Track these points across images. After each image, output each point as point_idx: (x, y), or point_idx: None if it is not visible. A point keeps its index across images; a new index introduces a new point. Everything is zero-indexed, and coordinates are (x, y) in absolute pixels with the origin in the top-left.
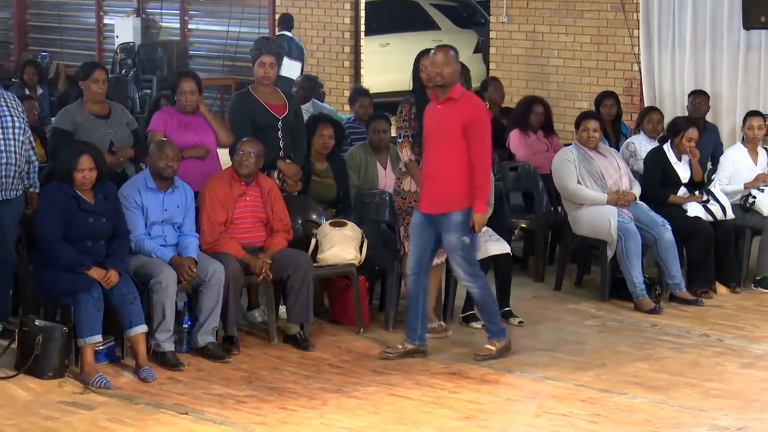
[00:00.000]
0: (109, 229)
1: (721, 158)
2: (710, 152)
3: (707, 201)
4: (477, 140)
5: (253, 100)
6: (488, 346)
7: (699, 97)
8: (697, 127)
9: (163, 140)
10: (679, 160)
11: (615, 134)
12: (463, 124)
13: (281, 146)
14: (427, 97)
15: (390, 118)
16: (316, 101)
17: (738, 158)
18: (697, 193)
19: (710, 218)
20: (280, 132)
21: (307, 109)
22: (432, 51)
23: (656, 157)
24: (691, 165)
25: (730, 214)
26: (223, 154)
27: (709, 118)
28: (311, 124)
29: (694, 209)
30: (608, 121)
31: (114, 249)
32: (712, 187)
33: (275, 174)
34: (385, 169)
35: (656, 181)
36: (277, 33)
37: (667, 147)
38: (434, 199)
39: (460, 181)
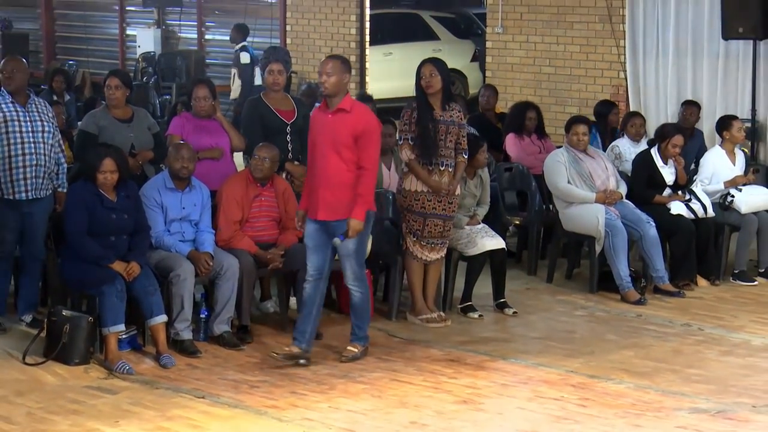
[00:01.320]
0: (131, 225)
1: (702, 160)
2: (695, 156)
3: (689, 200)
4: (366, 149)
5: (264, 106)
6: (351, 348)
7: (690, 108)
8: (683, 135)
9: (180, 143)
10: (665, 164)
11: (612, 139)
12: (355, 135)
13: (290, 149)
14: (428, 102)
15: (396, 122)
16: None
17: (717, 160)
18: (680, 192)
19: (692, 216)
20: (288, 136)
21: None
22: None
23: (644, 161)
24: (676, 169)
25: (711, 212)
26: (237, 156)
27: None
28: None
29: (676, 207)
30: (612, 128)
31: (135, 244)
32: (693, 187)
33: (283, 175)
34: (389, 170)
35: (643, 182)
36: (238, 45)
37: (654, 151)
38: (327, 207)
39: (352, 189)
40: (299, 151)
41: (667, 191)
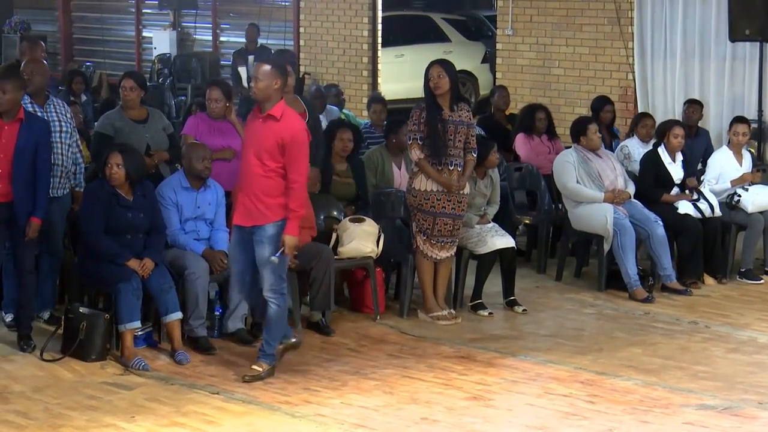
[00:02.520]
0: (147, 224)
1: (709, 160)
2: (701, 155)
3: (697, 199)
4: (294, 162)
5: None
6: (255, 367)
7: (692, 106)
8: (682, 127)
9: (196, 143)
10: (673, 160)
11: (609, 136)
12: (281, 144)
13: None
14: (437, 103)
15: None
16: (329, 106)
17: (724, 160)
18: (687, 192)
19: (699, 215)
20: None
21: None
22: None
23: (650, 160)
24: (683, 164)
25: (718, 212)
26: None
27: (699, 123)
28: (332, 129)
29: (684, 207)
30: (605, 124)
31: (151, 242)
32: (701, 187)
33: None
34: (400, 169)
35: (650, 181)
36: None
37: (661, 150)
38: (247, 212)
39: (272, 195)
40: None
41: (675, 190)
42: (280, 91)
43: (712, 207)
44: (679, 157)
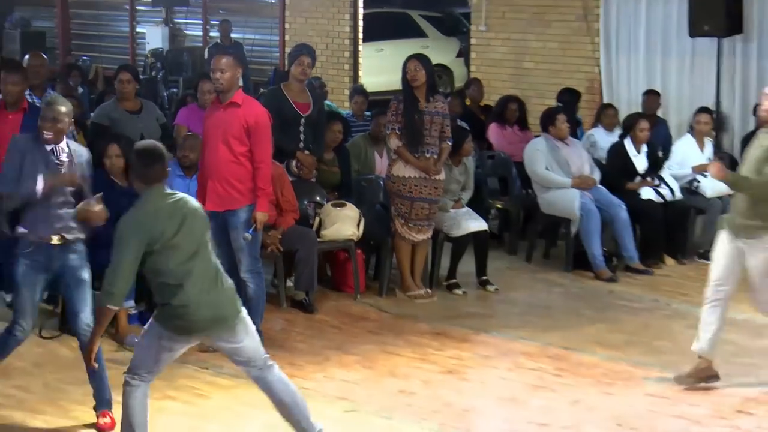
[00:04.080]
0: None
1: (673, 147)
2: (661, 143)
3: (659, 185)
4: (259, 143)
5: (282, 97)
6: None
7: (651, 96)
8: (647, 120)
9: (189, 134)
10: (638, 152)
11: (572, 124)
12: (246, 127)
13: (301, 139)
14: (414, 95)
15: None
16: None
17: (687, 148)
18: (649, 179)
19: (660, 200)
20: (301, 127)
21: None
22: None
23: (617, 151)
24: (647, 155)
25: (678, 195)
26: None
27: (660, 113)
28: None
29: (646, 193)
30: (570, 115)
31: None
32: (662, 173)
33: (293, 163)
34: (381, 157)
35: (617, 170)
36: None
37: (627, 142)
38: (217, 198)
39: (243, 181)
40: (310, 142)
41: (638, 178)
42: (239, 80)
43: (672, 191)
44: (644, 148)
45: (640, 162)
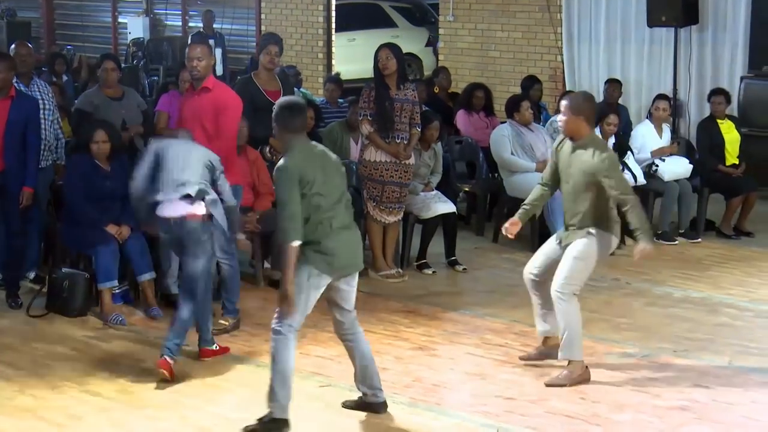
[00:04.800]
0: (123, 192)
1: (632, 133)
2: (621, 129)
3: (622, 170)
4: (224, 123)
5: (253, 86)
6: (222, 321)
7: (613, 85)
8: (615, 113)
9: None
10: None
11: (537, 111)
12: (216, 109)
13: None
14: (385, 83)
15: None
16: None
17: (646, 133)
18: None
19: None
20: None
21: None
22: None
23: None
24: (614, 146)
25: (642, 181)
26: None
27: (619, 100)
28: None
29: None
30: (533, 101)
31: (126, 209)
32: (626, 159)
33: (267, 149)
34: (356, 144)
35: None
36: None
37: (596, 131)
38: None
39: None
40: None
41: None
42: (212, 67)
43: (635, 177)
44: (612, 140)
45: None
